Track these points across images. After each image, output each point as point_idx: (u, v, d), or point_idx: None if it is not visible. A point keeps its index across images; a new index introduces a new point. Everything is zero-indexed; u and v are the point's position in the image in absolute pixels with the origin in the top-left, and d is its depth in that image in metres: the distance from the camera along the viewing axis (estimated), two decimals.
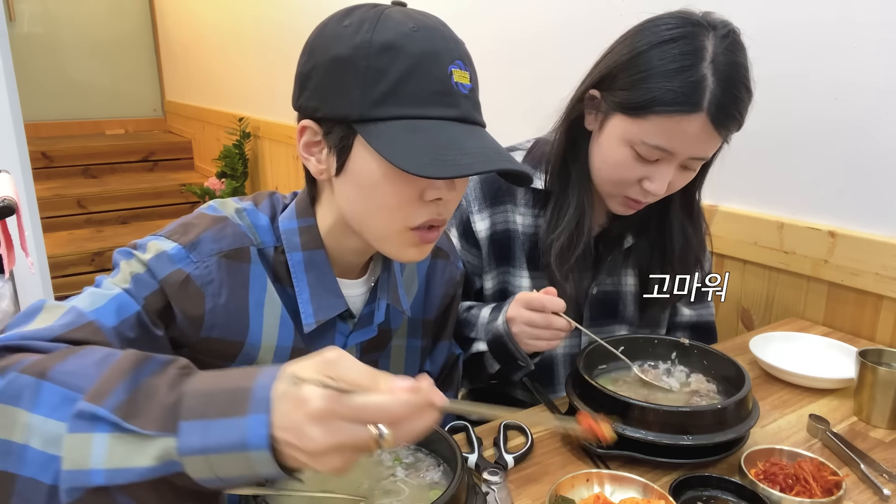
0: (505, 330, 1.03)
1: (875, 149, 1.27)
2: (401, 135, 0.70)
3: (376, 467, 0.79)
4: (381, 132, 0.71)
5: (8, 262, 1.84)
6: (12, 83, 2.51)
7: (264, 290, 0.82)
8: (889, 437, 0.99)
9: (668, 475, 0.87)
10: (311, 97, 0.75)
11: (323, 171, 0.79)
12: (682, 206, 1.14)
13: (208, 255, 0.78)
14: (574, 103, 1.07)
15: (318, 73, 0.74)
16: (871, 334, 1.30)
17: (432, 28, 0.74)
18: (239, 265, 0.80)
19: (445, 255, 1.04)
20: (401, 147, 0.69)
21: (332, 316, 0.85)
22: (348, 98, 0.72)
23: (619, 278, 1.20)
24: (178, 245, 0.77)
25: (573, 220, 1.09)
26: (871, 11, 1.23)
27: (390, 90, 0.71)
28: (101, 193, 4.49)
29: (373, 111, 0.71)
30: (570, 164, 1.09)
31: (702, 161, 1.02)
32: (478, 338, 1.09)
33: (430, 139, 0.70)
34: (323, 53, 0.74)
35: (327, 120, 0.75)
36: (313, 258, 0.84)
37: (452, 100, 0.73)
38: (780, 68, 1.33)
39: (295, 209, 0.86)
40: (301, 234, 0.84)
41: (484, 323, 1.08)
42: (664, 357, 1.08)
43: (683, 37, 0.94)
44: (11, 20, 4.96)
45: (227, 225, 0.81)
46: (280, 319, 0.84)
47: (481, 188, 1.16)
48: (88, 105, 5.47)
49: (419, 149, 0.69)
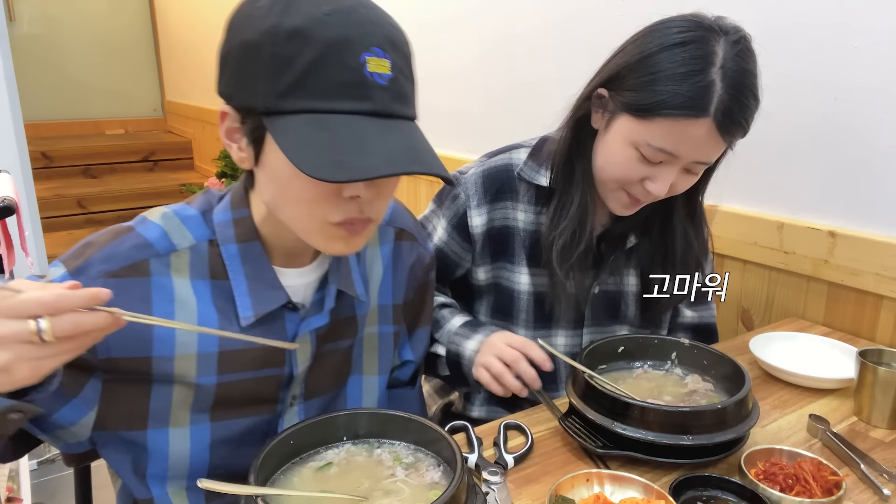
0: (469, 360, 1.09)
1: (875, 149, 1.27)
2: (305, 131, 0.66)
3: (376, 467, 0.79)
4: (287, 127, 0.67)
5: (8, 262, 1.83)
6: (12, 83, 2.51)
7: (171, 301, 0.79)
8: (889, 437, 0.99)
9: (668, 475, 0.87)
10: (226, 84, 0.72)
11: (244, 160, 0.76)
12: (685, 209, 1.14)
13: (95, 278, 0.75)
14: (581, 101, 1.07)
15: (231, 58, 0.71)
16: (871, 334, 1.30)
17: (349, 10, 0.68)
18: (134, 281, 0.77)
19: (411, 237, 1.00)
20: (303, 145, 0.66)
21: (271, 309, 0.82)
22: (255, 88, 0.68)
23: (621, 278, 1.20)
24: (66, 271, 0.76)
25: (576, 217, 1.09)
26: (871, 12, 1.23)
27: (297, 81, 0.66)
28: (101, 193, 4.49)
29: (278, 104, 0.67)
30: (574, 161, 1.09)
31: (705, 166, 1.02)
32: (440, 341, 1.14)
33: (335, 137, 0.66)
34: (236, 36, 0.70)
35: (240, 109, 0.72)
36: (249, 250, 0.82)
37: (365, 92, 0.67)
38: (780, 68, 1.33)
39: (230, 201, 0.83)
40: (235, 226, 0.82)
41: (451, 332, 1.14)
42: (664, 357, 1.08)
43: (694, 41, 0.94)
44: (11, 20, 4.96)
45: (126, 238, 0.79)
46: (199, 323, 0.80)
47: (482, 184, 1.15)
48: (88, 105, 5.48)
49: (321, 148, 0.65)
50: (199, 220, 0.83)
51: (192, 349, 0.80)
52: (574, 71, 1.09)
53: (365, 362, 0.97)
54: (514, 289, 1.17)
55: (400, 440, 0.82)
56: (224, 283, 0.82)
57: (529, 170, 1.14)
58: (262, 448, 0.74)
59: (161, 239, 0.80)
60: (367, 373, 0.97)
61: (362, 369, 0.97)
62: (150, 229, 0.80)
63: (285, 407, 0.89)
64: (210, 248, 0.82)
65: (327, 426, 0.81)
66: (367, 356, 0.97)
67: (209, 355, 0.81)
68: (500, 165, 1.16)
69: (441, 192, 1.21)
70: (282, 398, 0.88)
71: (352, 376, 0.96)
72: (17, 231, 1.90)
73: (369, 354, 0.97)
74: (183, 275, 0.80)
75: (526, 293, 1.17)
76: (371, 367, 0.97)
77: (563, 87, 1.09)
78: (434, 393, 1.39)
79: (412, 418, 0.82)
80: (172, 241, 0.80)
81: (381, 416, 0.83)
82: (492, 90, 2.16)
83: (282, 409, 0.89)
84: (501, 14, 2.07)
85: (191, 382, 0.81)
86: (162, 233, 0.80)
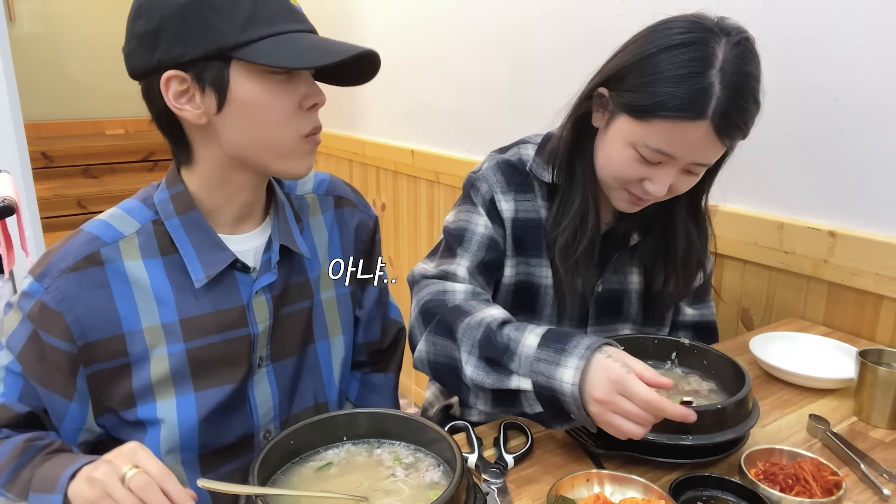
0: (574, 399, 0.83)
1: (875, 149, 1.27)
2: (275, 48, 0.79)
3: (376, 467, 0.79)
4: (258, 51, 0.79)
5: (8, 262, 1.84)
6: (12, 83, 2.51)
7: (127, 282, 0.87)
8: (889, 437, 0.99)
9: (668, 475, 0.87)
10: (170, 47, 0.79)
11: (202, 115, 0.83)
12: (688, 210, 1.14)
13: (55, 277, 0.84)
14: (582, 100, 1.07)
15: (170, 23, 0.78)
16: (871, 334, 1.30)
17: None
18: (90, 271, 0.85)
19: (351, 204, 1.10)
20: (280, 55, 0.79)
21: (220, 268, 0.90)
22: (216, 31, 0.78)
23: (624, 276, 1.20)
24: (32, 279, 0.85)
25: (577, 215, 1.08)
26: (871, 12, 1.23)
27: (250, 15, 0.79)
28: (101, 193, 4.49)
29: (243, 35, 0.79)
30: (575, 159, 1.09)
31: (704, 167, 1.02)
32: (518, 373, 0.89)
33: (300, 45, 0.81)
34: (167, 5, 0.78)
35: (197, 61, 0.79)
36: (190, 219, 0.89)
37: (298, 16, 0.84)
38: (780, 68, 1.33)
39: (165, 182, 0.92)
40: (173, 201, 0.90)
41: (531, 358, 0.88)
42: (664, 357, 1.08)
43: (694, 42, 0.93)
44: (11, 20, 4.96)
45: (77, 237, 0.87)
46: (156, 299, 0.88)
47: (503, 173, 1.14)
48: (88, 105, 5.47)
49: (296, 52, 0.80)
50: (140, 207, 0.91)
51: (156, 320, 0.88)
52: (575, 70, 1.09)
53: (329, 326, 1.05)
54: (541, 283, 1.16)
55: (400, 440, 0.83)
56: (174, 256, 0.89)
57: (537, 166, 1.14)
58: (262, 448, 0.75)
59: (107, 230, 0.88)
60: (332, 335, 1.06)
61: (328, 333, 1.05)
62: (96, 226, 0.89)
63: (254, 369, 0.95)
64: (155, 228, 0.90)
65: (327, 426, 0.81)
66: (329, 319, 1.05)
67: (172, 324, 0.89)
68: (513, 160, 1.16)
69: (463, 193, 1.19)
70: (252, 360, 0.95)
71: (319, 342, 1.04)
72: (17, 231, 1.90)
73: (331, 317, 1.05)
74: (134, 257, 0.88)
75: (551, 287, 1.16)
76: (335, 329, 1.06)
77: (564, 86, 1.09)
78: (440, 394, 1.39)
79: (412, 418, 0.82)
80: (118, 229, 0.89)
81: (382, 416, 0.83)
82: (492, 90, 2.16)
83: (251, 373, 0.94)
84: (502, 14, 2.07)
85: (163, 353, 0.89)
86: (107, 225, 0.89)
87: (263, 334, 0.95)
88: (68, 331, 0.83)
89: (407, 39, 2.50)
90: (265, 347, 0.96)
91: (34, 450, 0.82)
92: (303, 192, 1.05)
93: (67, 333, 0.83)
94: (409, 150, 2.50)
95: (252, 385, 0.95)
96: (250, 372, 0.95)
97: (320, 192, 1.07)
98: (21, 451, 0.81)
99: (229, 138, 0.85)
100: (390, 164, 2.63)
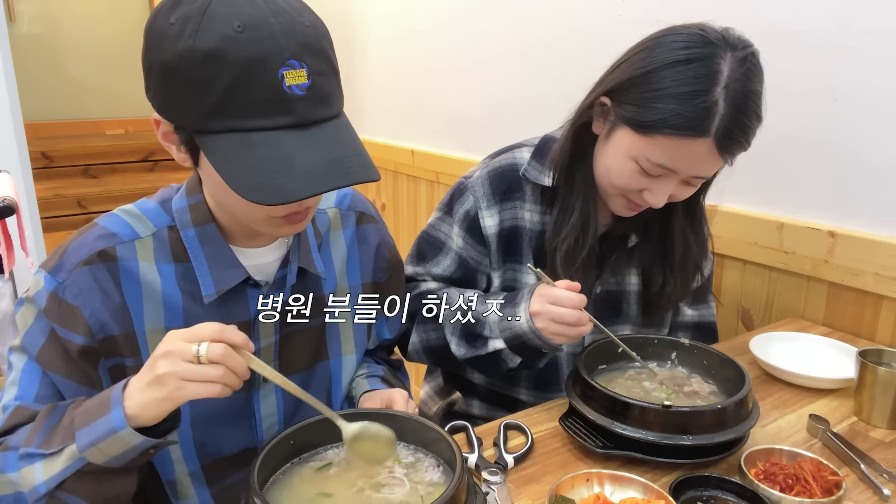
0: (530, 327, 1.00)
1: (875, 149, 1.27)
2: (234, 150, 0.70)
3: (376, 467, 0.79)
4: (216, 146, 0.71)
5: (8, 262, 1.84)
6: (12, 83, 2.51)
7: (138, 282, 0.85)
8: (889, 437, 0.99)
9: (668, 475, 0.87)
10: (154, 95, 0.75)
11: (185, 160, 0.80)
12: (685, 213, 1.14)
13: (70, 270, 0.82)
14: (584, 109, 1.06)
15: (154, 73, 0.73)
16: (871, 334, 1.30)
17: (260, 24, 0.69)
18: (105, 265, 0.83)
19: (373, 220, 1.05)
20: (233, 165, 0.70)
21: (232, 285, 0.87)
22: (182, 108, 0.72)
23: (623, 277, 1.20)
24: (46, 273, 0.82)
25: (578, 222, 1.09)
26: (870, 12, 1.22)
27: (219, 103, 0.68)
28: (101, 193, 4.48)
29: (205, 124, 0.70)
30: (575, 168, 1.09)
31: (704, 179, 1.03)
32: (492, 336, 1.05)
33: (261, 156, 0.69)
34: (155, 54, 0.72)
35: (171, 121, 0.75)
36: (205, 232, 0.87)
37: (286, 106, 0.70)
38: (780, 68, 1.33)
39: (185, 188, 0.89)
40: (191, 211, 0.87)
41: (497, 321, 1.05)
42: (664, 357, 1.08)
43: (700, 58, 0.92)
44: (11, 20, 4.95)
45: (92, 231, 0.85)
46: (164, 303, 0.86)
47: (490, 184, 1.15)
48: (88, 105, 5.47)
49: (250, 169, 0.69)
50: (158, 210, 0.89)
51: (160, 324, 0.86)
52: (574, 69, 1.09)
53: (343, 344, 1.02)
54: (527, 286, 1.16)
55: (400, 440, 0.82)
56: (187, 265, 0.87)
57: (533, 170, 1.14)
58: (262, 448, 0.75)
59: (124, 228, 0.86)
60: (345, 353, 1.02)
61: (341, 351, 1.02)
62: (113, 222, 0.87)
63: (259, 383, 0.93)
64: (170, 234, 0.87)
65: (327, 426, 0.81)
66: (344, 338, 1.01)
67: None
68: (505, 166, 1.16)
69: (449, 198, 1.20)
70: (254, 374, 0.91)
71: (333, 359, 1.00)
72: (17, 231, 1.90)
73: (346, 336, 1.02)
74: (148, 259, 0.86)
75: None
76: (348, 348, 1.02)
77: (564, 86, 1.09)
78: (434, 394, 1.39)
79: (412, 418, 0.82)
80: (135, 230, 0.87)
81: (382, 416, 0.83)
82: (493, 90, 2.16)
83: (256, 386, 0.93)
84: (503, 14, 2.07)
85: None
86: (124, 223, 0.87)
87: (268, 349, 0.92)
88: (87, 325, 0.81)
89: (407, 40, 2.50)
90: (273, 362, 0.93)
91: (61, 408, 0.79)
92: (325, 206, 1.01)
93: (86, 328, 0.81)
94: (409, 150, 2.50)
95: (258, 399, 0.93)
96: (252, 386, 0.92)
97: (343, 206, 1.02)
98: (48, 413, 0.78)
99: (208, 188, 0.84)
100: (390, 163, 2.63)
